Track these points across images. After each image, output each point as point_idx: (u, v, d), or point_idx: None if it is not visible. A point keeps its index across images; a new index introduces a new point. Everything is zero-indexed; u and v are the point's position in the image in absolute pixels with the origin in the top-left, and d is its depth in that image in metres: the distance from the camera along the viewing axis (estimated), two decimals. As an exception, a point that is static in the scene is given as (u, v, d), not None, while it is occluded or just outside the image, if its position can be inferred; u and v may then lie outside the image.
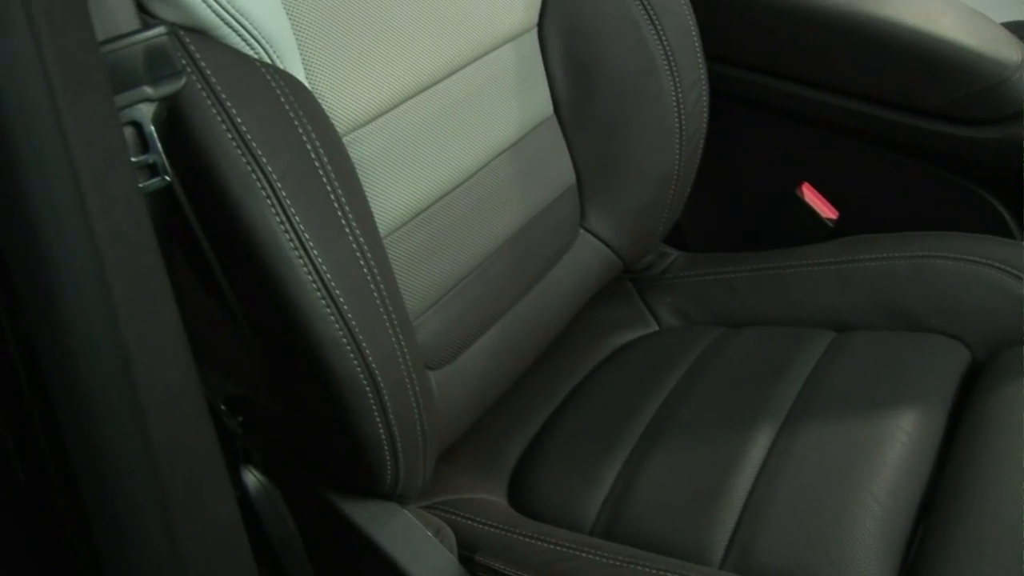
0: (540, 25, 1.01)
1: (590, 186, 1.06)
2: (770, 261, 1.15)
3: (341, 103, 0.77)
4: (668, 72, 1.03)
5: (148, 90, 0.62)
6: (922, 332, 1.02)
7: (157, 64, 0.62)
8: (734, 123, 1.27)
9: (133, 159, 0.61)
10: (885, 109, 1.16)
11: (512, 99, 0.96)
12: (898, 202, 1.21)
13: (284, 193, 0.65)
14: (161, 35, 0.62)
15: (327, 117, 0.74)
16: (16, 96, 0.50)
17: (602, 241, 1.09)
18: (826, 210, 1.26)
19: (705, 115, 1.09)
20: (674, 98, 1.04)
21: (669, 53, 1.03)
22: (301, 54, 0.75)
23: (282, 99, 0.68)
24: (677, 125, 1.05)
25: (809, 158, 1.26)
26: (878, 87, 1.14)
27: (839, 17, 1.14)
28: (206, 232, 0.68)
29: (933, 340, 1.00)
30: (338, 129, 0.76)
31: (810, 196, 1.26)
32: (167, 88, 0.62)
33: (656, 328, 1.16)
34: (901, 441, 0.87)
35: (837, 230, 1.25)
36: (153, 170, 0.63)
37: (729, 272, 1.16)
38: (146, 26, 0.63)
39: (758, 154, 1.29)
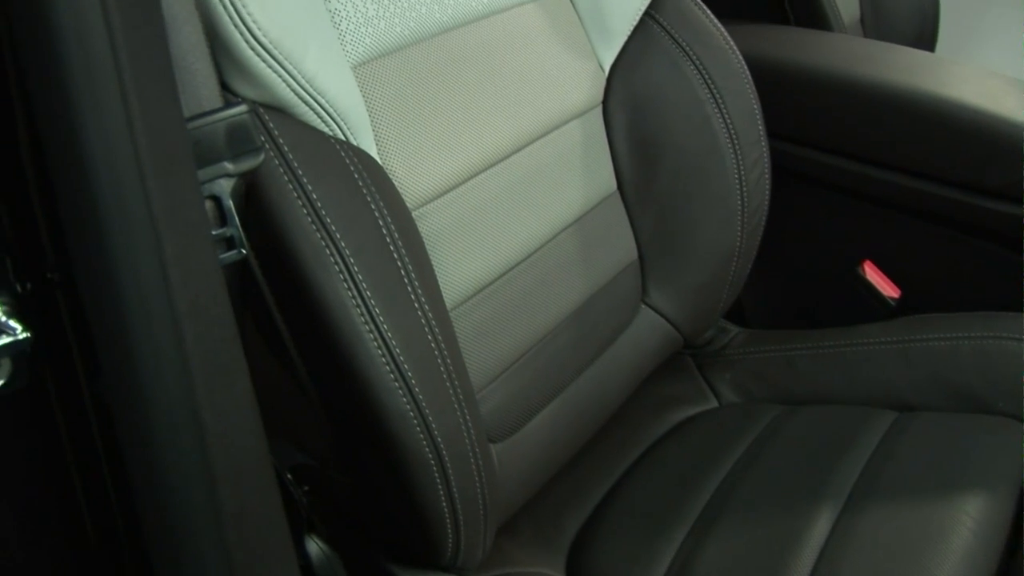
0: (605, 102, 1.03)
1: (652, 262, 1.07)
2: (831, 338, 1.14)
3: (412, 179, 0.79)
4: (731, 150, 1.04)
5: (228, 166, 0.64)
6: (987, 414, 1.00)
7: (238, 140, 0.64)
8: (796, 200, 1.27)
9: (212, 232, 0.63)
10: (948, 188, 1.15)
11: (577, 175, 0.97)
12: (962, 281, 1.20)
13: (356, 268, 0.66)
14: (242, 113, 0.65)
15: (398, 192, 0.75)
16: (107, 172, 0.52)
17: (663, 316, 1.09)
18: (888, 288, 1.25)
19: (767, 192, 1.10)
20: (736, 175, 1.05)
21: (732, 132, 1.04)
22: (374, 131, 0.77)
23: (356, 175, 0.70)
24: (739, 202, 1.06)
25: (871, 236, 1.26)
26: (941, 166, 1.14)
27: (901, 95, 1.15)
28: (279, 304, 0.70)
29: (999, 423, 0.99)
30: (408, 204, 0.78)
31: (872, 274, 1.26)
32: (247, 164, 0.65)
33: (716, 404, 1.16)
34: (968, 527, 0.85)
35: (899, 308, 1.25)
36: (230, 243, 0.65)
37: (789, 349, 1.16)
38: (228, 103, 0.66)
39: (819, 231, 1.29)
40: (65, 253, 0.56)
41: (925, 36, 1.92)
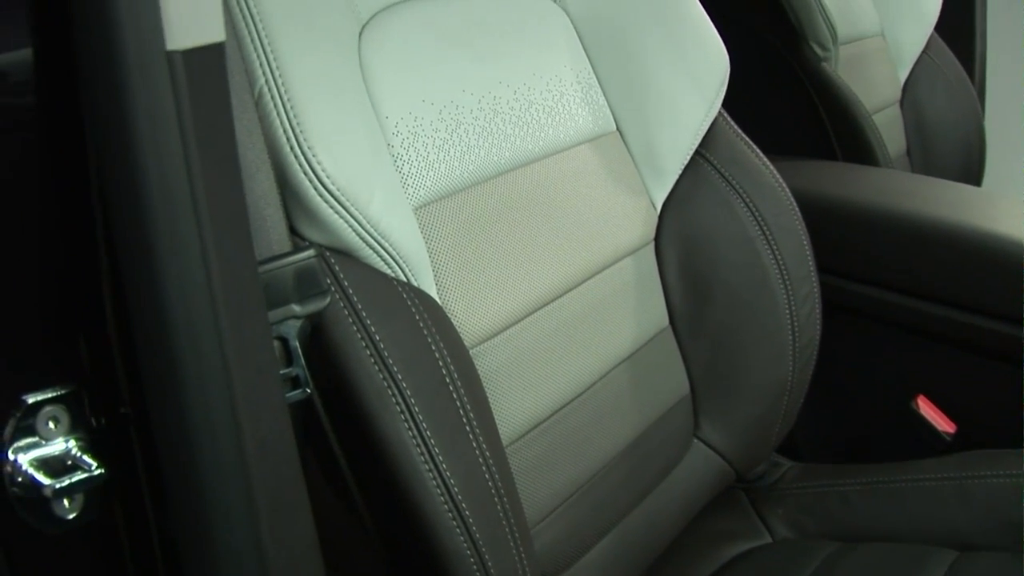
0: (657, 239, 1.05)
1: (704, 396, 1.08)
2: (886, 474, 1.13)
3: (470, 318, 0.81)
4: (782, 285, 1.06)
5: (296, 308, 0.67)
6: (1050, 556, 0.99)
7: (305, 284, 0.67)
8: (847, 334, 1.28)
9: (280, 372, 0.65)
10: (1000, 322, 1.16)
11: (630, 311, 0.99)
12: (1019, 416, 1.19)
13: (417, 409, 0.68)
14: (310, 257, 0.68)
15: (457, 332, 0.78)
16: (184, 313, 0.55)
17: (715, 451, 1.09)
18: (943, 423, 1.24)
19: (818, 326, 1.11)
20: (787, 310, 1.06)
21: (782, 267, 1.06)
22: (434, 271, 0.80)
23: (417, 317, 0.72)
24: (790, 337, 1.07)
25: (924, 369, 1.26)
26: (992, 300, 1.15)
27: (949, 230, 1.17)
28: (340, 441, 0.71)
29: (1063, 564, 0.97)
30: (466, 342, 0.80)
31: (926, 408, 1.25)
32: (313, 306, 0.67)
33: (769, 540, 1.15)
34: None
35: (955, 444, 1.23)
36: (295, 382, 0.67)
37: (843, 484, 1.15)
38: (297, 248, 0.69)
39: (872, 365, 1.30)
40: (139, 389, 0.59)
41: (972, 170, 1.94)
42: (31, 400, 0.61)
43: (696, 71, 1.05)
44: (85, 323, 0.64)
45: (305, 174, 0.69)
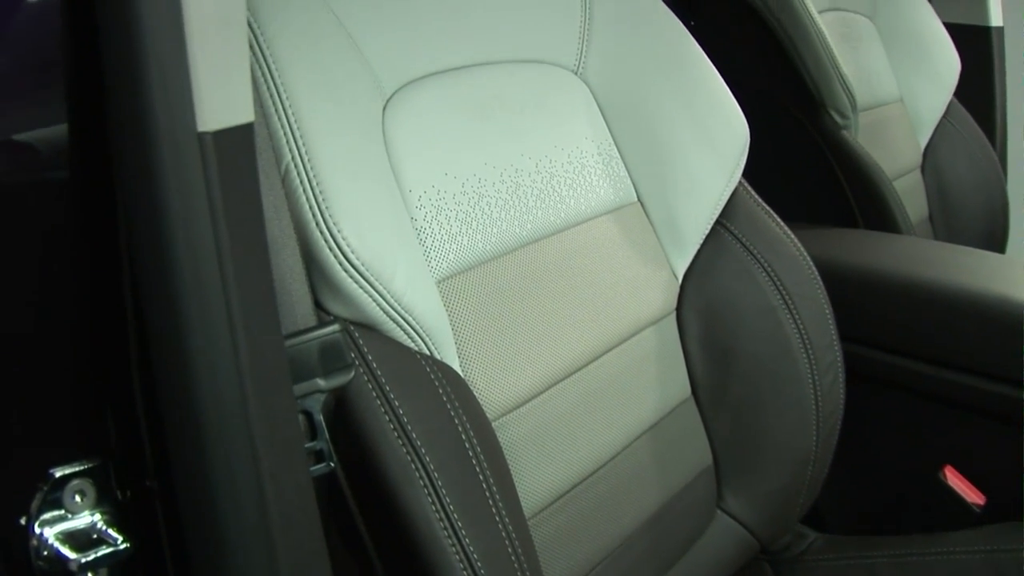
0: (679, 309, 1.06)
1: (727, 467, 1.08)
2: (914, 546, 1.12)
3: (492, 390, 0.82)
4: (804, 355, 1.06)
5: (320, 382, 0.68)
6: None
7: (330, 358, 0.69)
8: (871, 403, 1.28)
9: (305, 447, 0.66)
10: (1028, 391, 1.16)
11: (652, 382, 1.00)
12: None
13: (440, 483, 0.69)
14: (335, 332, 0.69)
15: (479, 404, 0.78)
16: (211, 389, 0.56)
17: (739, 522, 1.09)
18: (972, 495, 1.24)
19: (842, 396, 1.11)
20: (811, 380, 1.06)
21: (805, 337, 1.06)
22: (457, 344, 0.81)
23: (440, 391, 0.73)
24: (814, 406, 1.07)
25: (951, 439, 1.25)
26: (1018, 369, 1.15)
27: (972, 299, 1.17)
28: (363, 514, 0.72)
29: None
30: (488, 414, 0.81)
31: (954, 479, 1.25)
32: (338, 380, 0.69)
33: (796, 613, 1.14)
34: None
35: (985, 515, 1.23)
36: (319, 455, 0.68)
37: (870, 556, 1.14)
38: (321, 322, 0.71)
39: (897, 434, 1.29)
40: (165, 462, 0.60)
41: (996, 235, 1.94)
42: (59, 474, 0.63)
43: (716, 141, 1.07)
44: (112, 397, 0.65)
45: (330, 249, 0.70)
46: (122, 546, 0.62)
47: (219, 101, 0.55)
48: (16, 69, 0.74)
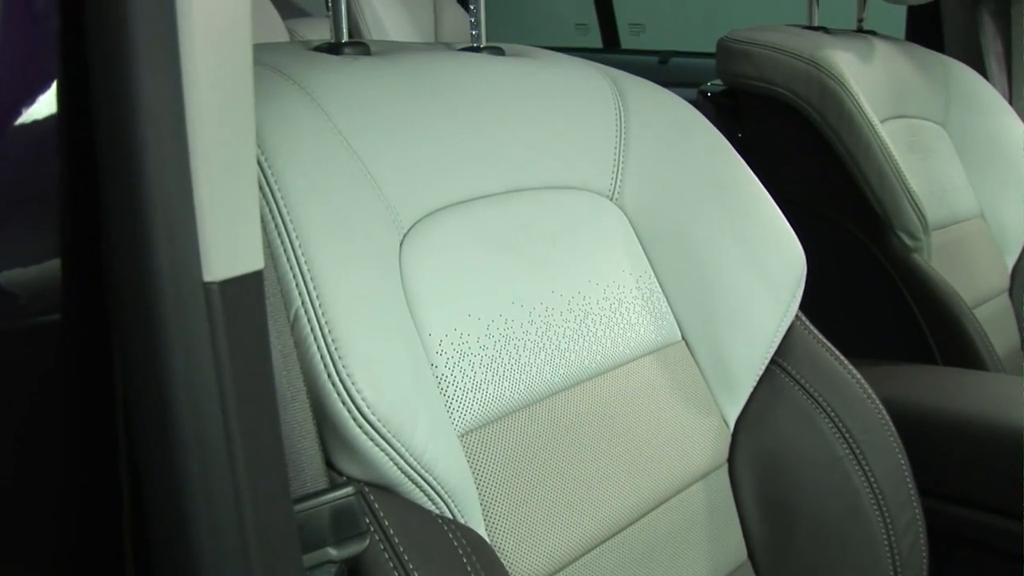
0: (731, 460, 1.09)
1: (792, 644, 1.09)
2: None
3: (522, 557, 0.85)
4: (877, 513, 1.07)
5: (332, 552, 0.70)
6: None
7: (343, 525, 0.71)
8: (960, 568, 1.28)
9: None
10: None
11: (702, 545, 1.02)
12: None
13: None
14: (348, 495, 0.72)
15: (508, 574, 0.81)
16: (213, 563, 0.59)
17: None
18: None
19: (924, 560, 1.11)
20: (886, 543, 1.07)
21: (877, 492, 1.08)
22: (482, 505, 0.84)
23: (464, 560, 0.76)
24: (892, 574, 1.08)
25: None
26: None
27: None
28: None
29: None
30: (518, 585, 0.83)
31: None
32: (351, 549, 0.71)
33: None
34: None
35: None
36: (330, 631, 0.70)
37: None
38: (333, 484, 0.74)
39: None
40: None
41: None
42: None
43: (769, 271, 1.10)
44: (100, 571, 0.68)
45: (344, 403, 0.73)
46: None
47: (227, 249, 0.59)
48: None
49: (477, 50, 1.09)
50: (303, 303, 0.75)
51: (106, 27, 0.56)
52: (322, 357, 0.74)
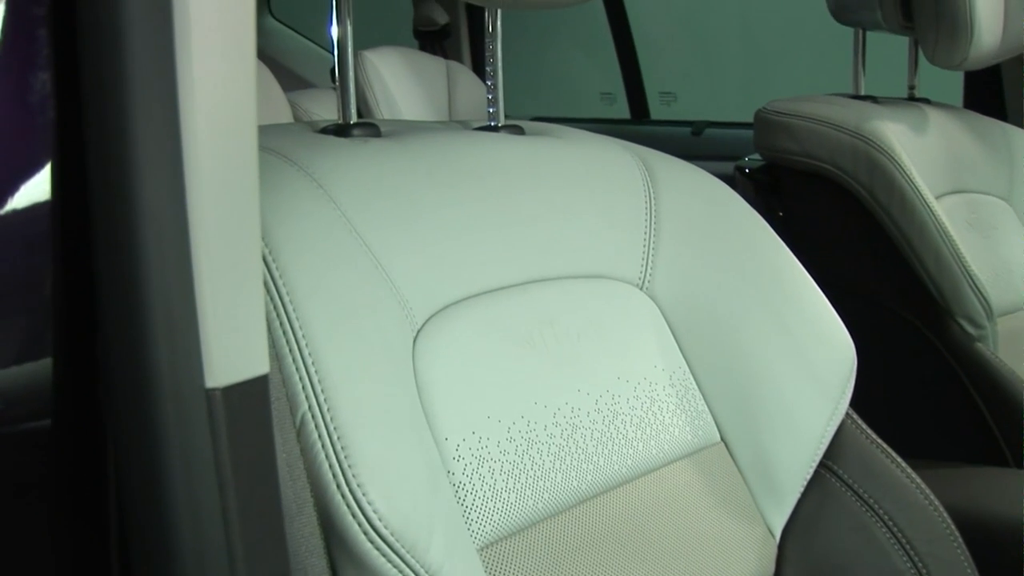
0: (778, 574, 1.09)
1: None
2: None
3: None
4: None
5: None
6: None
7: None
8: None
9: None
10: None
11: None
12: None
13: None
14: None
15: None
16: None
17: None
18: None
19: None
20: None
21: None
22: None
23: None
24: None
25: None
26: None
27: None
28: None
29: None
30: None
31: None
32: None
33: None
34: None
35: None
36: None
37: None
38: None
39: None
40: None
41: None
42: None
43: (815, 364, 1.11)
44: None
45: (354, 516, 0.75)
46: None
47: (231, 352, 0.61)
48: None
49: (495, 129, 1.12)
50: (310, 407, 0.76)
51: (105, 116, 0.58)
52: (330, 465, 0.75)
